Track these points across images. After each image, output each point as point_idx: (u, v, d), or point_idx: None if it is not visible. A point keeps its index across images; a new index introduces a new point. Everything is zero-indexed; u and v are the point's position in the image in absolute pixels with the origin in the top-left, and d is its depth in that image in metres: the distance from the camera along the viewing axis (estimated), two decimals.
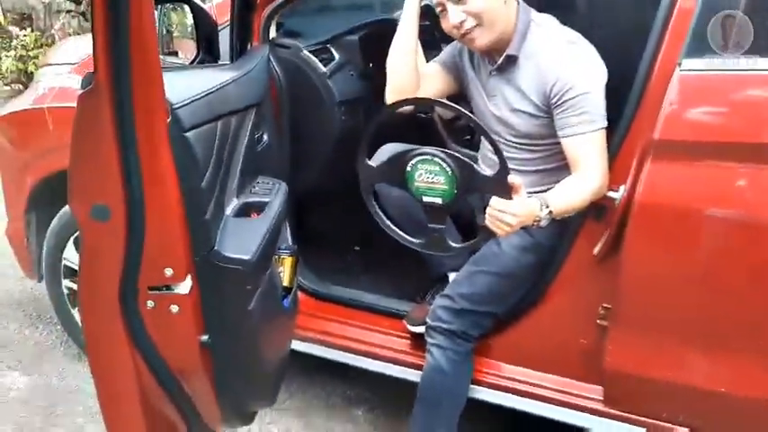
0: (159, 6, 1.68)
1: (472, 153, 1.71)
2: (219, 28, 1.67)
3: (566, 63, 1.38)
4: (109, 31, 0.76)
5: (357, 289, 1.89)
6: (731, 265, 1.26)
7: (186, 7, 1.61)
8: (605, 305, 1.41)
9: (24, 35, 5.33)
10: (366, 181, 1.36)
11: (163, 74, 0.93)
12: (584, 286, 1.48)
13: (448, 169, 1.23)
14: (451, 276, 1.68)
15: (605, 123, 1.36)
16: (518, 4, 1.43)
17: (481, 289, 1.53)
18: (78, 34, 5.33)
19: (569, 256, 1.50)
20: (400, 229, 1.39)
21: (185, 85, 1.04)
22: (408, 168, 1.26)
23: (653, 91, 1.29)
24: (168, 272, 0.97)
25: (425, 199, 1.27)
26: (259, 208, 1.31)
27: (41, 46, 5.34)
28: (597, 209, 1.39)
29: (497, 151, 1.22)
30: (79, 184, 0.90)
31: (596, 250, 1.39)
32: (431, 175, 1.25)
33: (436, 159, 1.24)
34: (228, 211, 1.22)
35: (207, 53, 1.58)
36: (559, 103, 1.37)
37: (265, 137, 1.53)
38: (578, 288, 1.50)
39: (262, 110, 1.49)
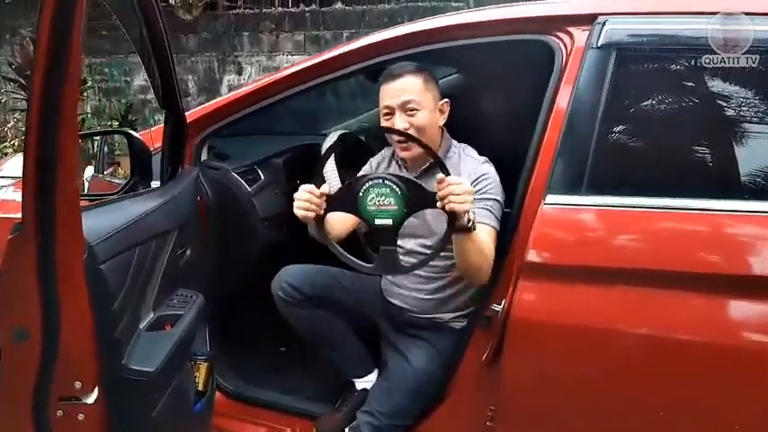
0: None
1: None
2: (155, 153, 1.78)
3: (484, 172, 1.61)
4: (37, 190, 0.92)
5: (276, 391, 1.93)
6: (589, 371, 1.39)
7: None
8: (492, 407, 1.51)
9: None
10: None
11: (87, 212, 1.09)
12: (474, 390, 1.59)
13: (398, 190, 1.33)
14: (357, 383, 1.80)
15: (498, 228, 1.55)
16: (443, 131, 1.68)
17: (398, 404, 1.64)
18: None
19: (462, 363, 1.62)
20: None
21: (106, 221, 1.18)
22: (360, 194, 1.34)
23: (525, 221, 1.44)
24: (77, 384, 1.07)
25: (377, 221, 1.35)
26: (173, 321, 1.40)
27: None
28: (485, 320, 1.53)
29: (443, 168, 1.35)
30: (2, 308, 1.02)
31: (483, 357, 1.51)
32: (382, 198, 1.33)
33: (387, 182, 1.33)
34: (143, 324, 1.33)
35: (140, 176, 1.74)
36: (476, 198, 1.49)
37: (188, 252, 1.65)
38: (470, 392, 1.61)
39: (186, 228, 1.62)
